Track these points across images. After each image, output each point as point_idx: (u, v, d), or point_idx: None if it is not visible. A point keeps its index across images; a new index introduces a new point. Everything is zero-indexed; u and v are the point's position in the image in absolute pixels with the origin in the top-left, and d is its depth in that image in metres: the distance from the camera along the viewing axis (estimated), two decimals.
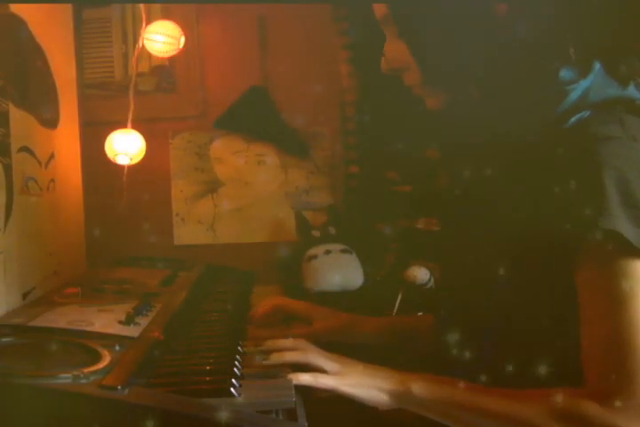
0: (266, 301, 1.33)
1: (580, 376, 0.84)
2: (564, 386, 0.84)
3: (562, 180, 0.85)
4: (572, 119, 0.90)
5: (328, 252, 2.14)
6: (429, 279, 1.94)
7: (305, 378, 0.93)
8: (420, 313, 1.86)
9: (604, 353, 0.82)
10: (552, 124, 0.91)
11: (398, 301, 1.96)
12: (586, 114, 0.90)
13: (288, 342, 1.03)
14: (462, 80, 0.94)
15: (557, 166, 0.87)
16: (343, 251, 2.16)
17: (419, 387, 0.91)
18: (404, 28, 0.95)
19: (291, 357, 0.98)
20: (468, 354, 0.95)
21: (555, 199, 0.86)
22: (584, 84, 0.90)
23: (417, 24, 0.94)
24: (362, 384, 0.93)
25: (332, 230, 2.20)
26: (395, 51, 0.98)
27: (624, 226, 0.81)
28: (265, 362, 0.98)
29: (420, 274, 1.94)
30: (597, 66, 0.91)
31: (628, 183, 0.83)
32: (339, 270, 2.12)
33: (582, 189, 0.84)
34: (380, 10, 0.98)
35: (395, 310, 1.96)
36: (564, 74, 0.89)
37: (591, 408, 0.81)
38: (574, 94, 0.90)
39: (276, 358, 0.98)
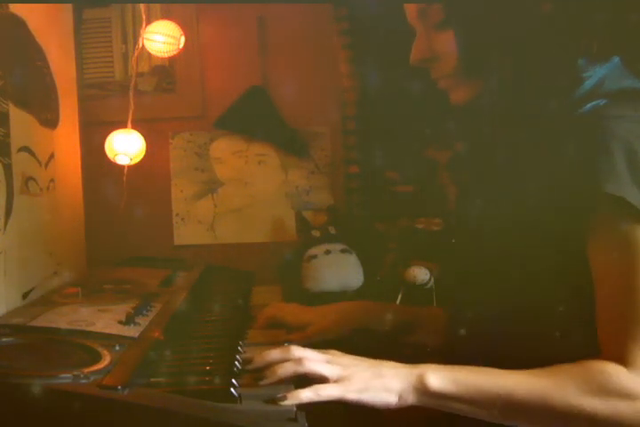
0: (262, 313, 1.30)
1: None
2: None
3: (573, 157, 0.87)
4: (588, 106, 0.91)
5: (328, 252, 2.14)
6: (429, 279, 1.94)
7: (306, 395, 0.83)
8: None
9: (622, 321, 0.83)
10: (568, 110, 0.92)
11: (398, 301, 1.96)
12: (601, 102, 0.91)
13: (278, 353, 0.92)
14: (498, 68, 0.95)
15: (570, 146, 0.89)
16: (343, 251, 2.16)
17: (436, 379, 0.83)
18: (452, 14, 0.96)
19: (285, 370, 0.88)
20: (477, 346, 0.94)
21: (567, 177, 0.87)
22: (599, 72, 0.92)
23: (466, 11, 0.95)
24: (369, 388, 0.83)
25: (332, 230, 2.20)
26: (431, 41, 0.99)
27: (630, 192, 0.82)
28: (260, 383, 0.88)
29: (420, 274, 1.94)
30: (616, 59, 0.94)
31: (635, 153, 0.84)
32: (339, 270, 2.12)
33: (591, 161, 0.85)
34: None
35: None
36: (581, 62, 0.92)
37: (622, 375, 0.81)
38: (589, 82, 0.92)
39: (270, 377, 0.88)
